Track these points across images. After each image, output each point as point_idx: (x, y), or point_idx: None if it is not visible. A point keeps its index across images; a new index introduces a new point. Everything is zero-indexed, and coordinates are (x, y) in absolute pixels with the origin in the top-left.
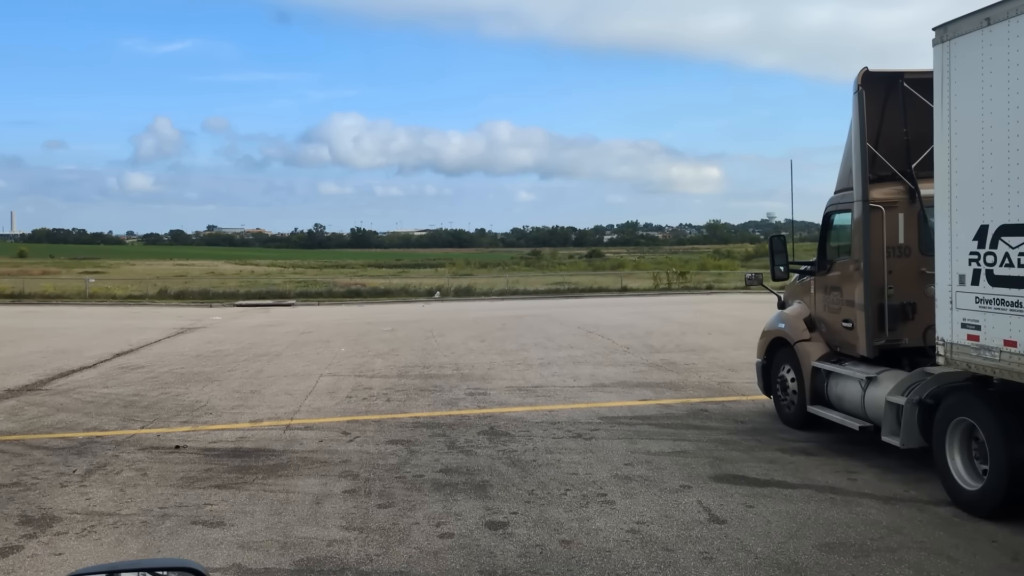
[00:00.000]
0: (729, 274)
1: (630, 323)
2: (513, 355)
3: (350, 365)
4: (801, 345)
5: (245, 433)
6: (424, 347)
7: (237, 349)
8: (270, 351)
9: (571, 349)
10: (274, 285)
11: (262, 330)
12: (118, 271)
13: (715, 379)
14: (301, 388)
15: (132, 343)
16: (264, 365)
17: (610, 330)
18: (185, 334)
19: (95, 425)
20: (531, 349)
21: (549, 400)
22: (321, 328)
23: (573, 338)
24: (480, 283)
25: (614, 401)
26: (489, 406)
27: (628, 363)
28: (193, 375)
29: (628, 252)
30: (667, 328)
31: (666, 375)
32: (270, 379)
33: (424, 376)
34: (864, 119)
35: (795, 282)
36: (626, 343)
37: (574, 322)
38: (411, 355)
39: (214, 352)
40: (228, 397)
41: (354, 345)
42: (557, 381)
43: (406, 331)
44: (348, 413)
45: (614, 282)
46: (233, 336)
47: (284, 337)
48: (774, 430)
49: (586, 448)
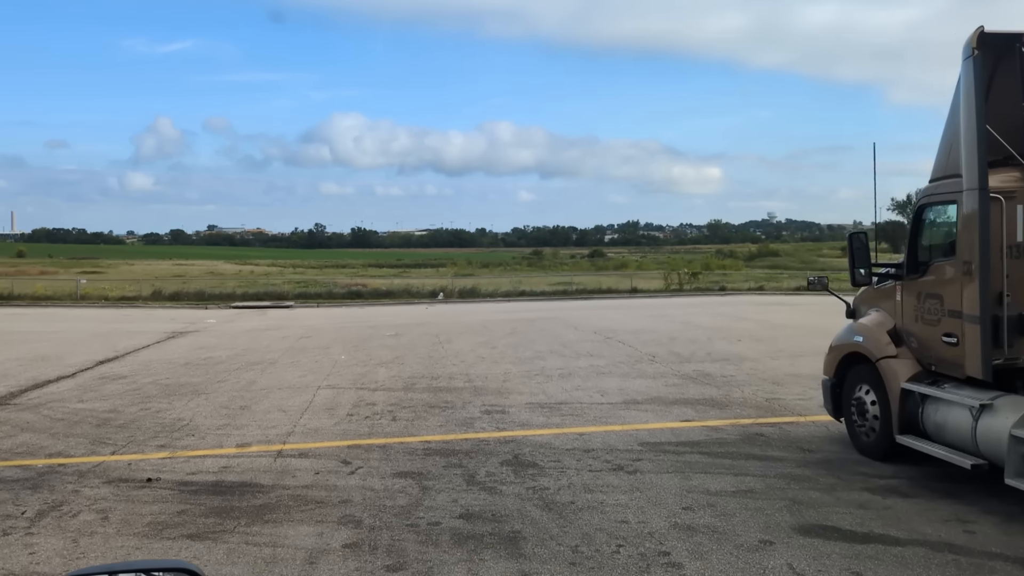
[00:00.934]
0: (735, 274)
1: (649, 328)
2: (529, 364)
3: (351, 376)
4: (886, 363)
5: (230, 461)
6: (431, 354)
7: (229, 356)
8: (264, 359)
9: (591, 358)
10: (273, 286)
11: (257, 335)
12: (116, 271)
13: (761, 395)
14: (296, 403)
15: (118, 349)
16: (257, 375)
17: (629, 336)
18: (176, 339)
19: (60, 450)
20: (548, 357)
21: (577, 420)
22: (320, 332)
23: (591, 345)
24: (484, 284)
25: (652, 422)
26: (509, 427)
27: (658, 375)
28: (179, 387)
29: (630, 252)
30: (691, 334)
31: (704, 389)
32: (262, 392)
33: (433, 389)
34: (981, 89)
35: (871, 287)
36: (650, 351)
37: (589, 326)
38: (417, 364)
39: (204, 360)
40: (214, 414)
41: (355, 352)
42: (583, 396)
43: (410, 336)
44: (349, 436)
45: (624, 283)
46: (226, 341)
47: (280, 343)
48: (850, 462)
49: (632, 485)
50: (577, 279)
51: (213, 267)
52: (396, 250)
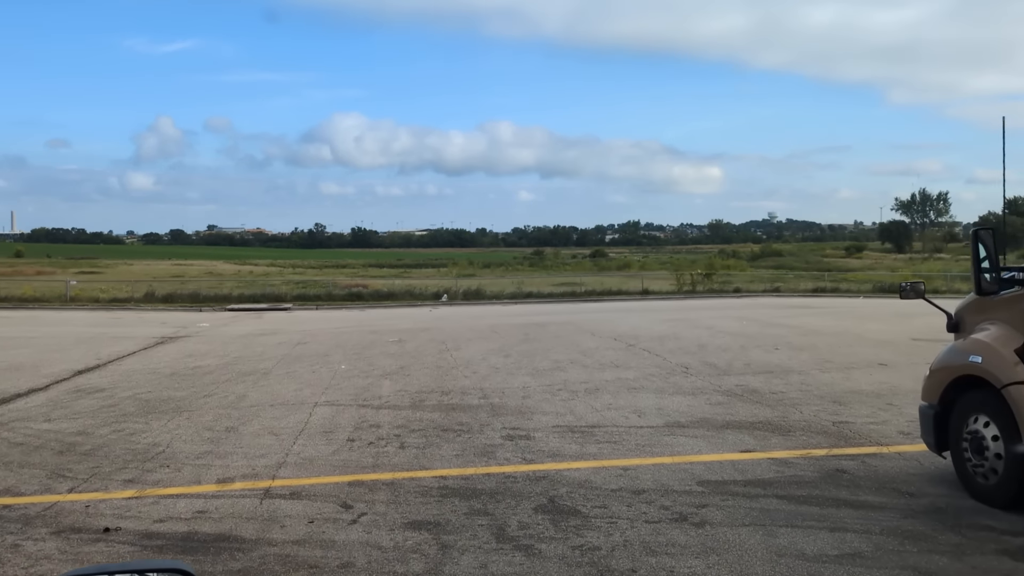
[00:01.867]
0: (741, 275)
1: (672, 333)
2: (549, 376)
3: (352, 389)
4: (1017, 390)
5: (207, 503)
6: (439, 364)
7: (219, 365)
8: (257, 368)
9: (617, 369)
10: (271, 287)
11: (252, 340)
12: (115, 271)
13: (824, 417)
14: (290, 424)
15: (101, 357)
16: (248, 388)
17: (653, 343)
18: (165, 345)
19: (9, 485)
20: (568, 368)
21: (617, 450)
22: (318, 338)
23: (614, 354)
24: (489, 285)
25: (706, 453)
26: (538, 458)
27: (697, 390)
28: (160, 402)
29: (631, 252)
30: (720, 341)
31: (755, 410)
32: (253, 410)
33: (444, 407)
34: None
35: (981, 297)
36: (681, 361)
37: (606, 332)
38: (425, 375)
39: (192, 369)
40: (196, 437)
41: (356, 361)
42: (617, 417)
43: (415, 342)
44: (350, 468)
45: (634, 284)
46: (218, 348)
47: (276, 349)
48: (968, 511)
49: (704, 544)
50: (581, 280)
51: (212, 267)
52: (396, 250)
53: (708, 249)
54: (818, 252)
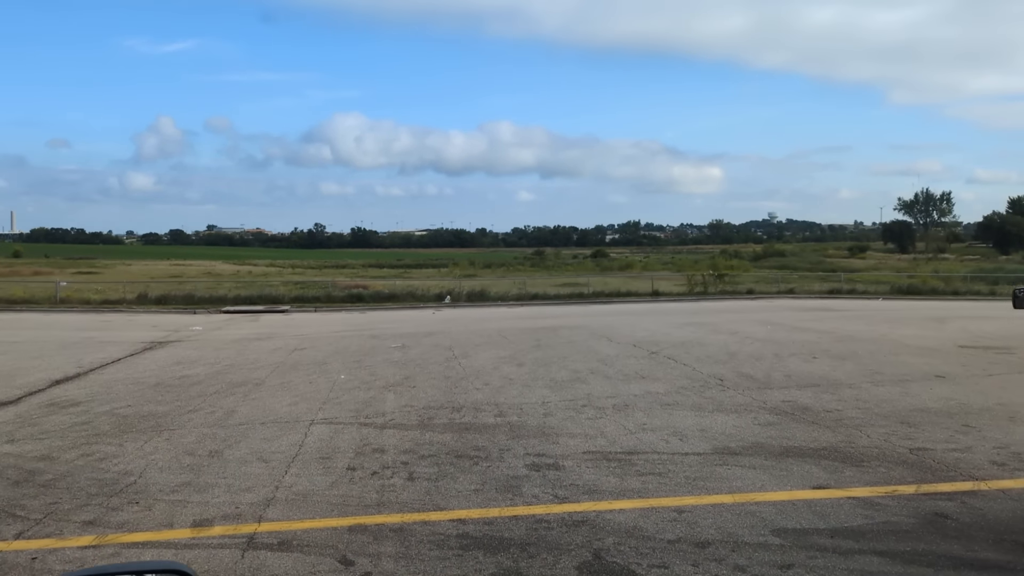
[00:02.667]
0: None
1: (695, 339)
2: (569, 389)
3: (353, 403)
4: None
5: (178, 554)
6: (447, 374)
7: (209, 375)
8: (250, 378)
9: (643, 380)
10: (270, 287)
11: (246, 345)
12: (112, 271)
13: (897, 442)
14: (282, 447)
15: (83, 364)
16: (238, 402)
17: (676, 350)
18: (153, 350)
19: None
20: (590, 379)
21: (663, 484)
22: (317, 343)
23: (637, 363)
24: (493, 286)
25: (772, 489)
26: (572, 495)
27: (740, 407)
28: (139, 419)
29: (632, 252)
30: (749, 348)
31: (815, 432)
32: (241, 428)
33: (457, 427)
34: None
35: None
36: (712, 371)
37: (623, 337)
38: (432, 387)
39: (179, 379)
40: (174, 464)
41: (356, 370)
42: (656, 441)
43: (419, 348)
44: (350, 507)
45: (643, 285)
46: (209, 354)
47: (271, 356)
48: None
49: None
50: (585, 280)
51: (211, 267)
52: (396, 250)
53: (709, 249)
54: (820, 252)
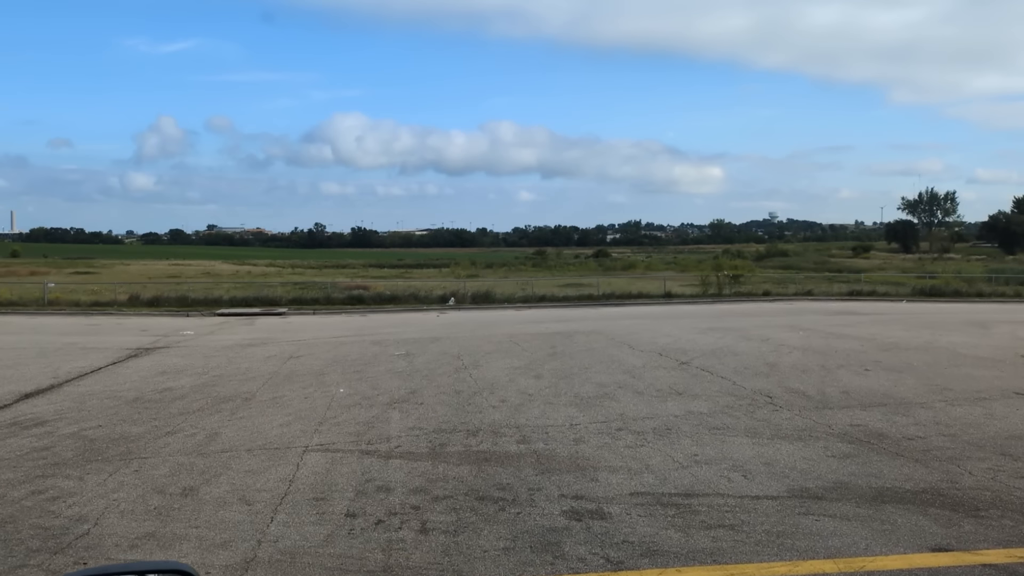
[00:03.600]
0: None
1: (726, 347)
2: (599, 409)
3: (353, 424)
4: None
5: None
6: (457, 387)
7: (195, 387)
8: (239, 392)
9: (682, 398)
10: (269, 288)
11: (238, 353)
12: (111, 271)
13: (1008, 481)
14: (270, 484)
15: (59, 375)
16: (223, 422)
17: (708, 359)
18: (138, 358)
19: None
20: (619, 396)
21: (738, 539)
22: (314, 349)
23: (668, 374)
24: (499, 288)
25: (882, 552)
26: (628, 558)
27: (802, 432)
28: (109, 443)
29: (633, 252)
30: (789, 358)
31: (903, 467)
32: (224, 457)
33: (474, 456)
34: None
35: None
36: (757, 386)
37: (645, 344)
38: (442, 404)
39: (161, 393)
40: (140, 506)
41: (357, 382)
42: (715, 479)
43: (425, 357)
44: (349, 572)
45: (654, 287)
46: (198, 363)
47: (264, 365)
48: None
49: None
50: (590, 281)
51: (210, 267)
52: (397, 250)
53: (710, 249)
54: (824, 252)
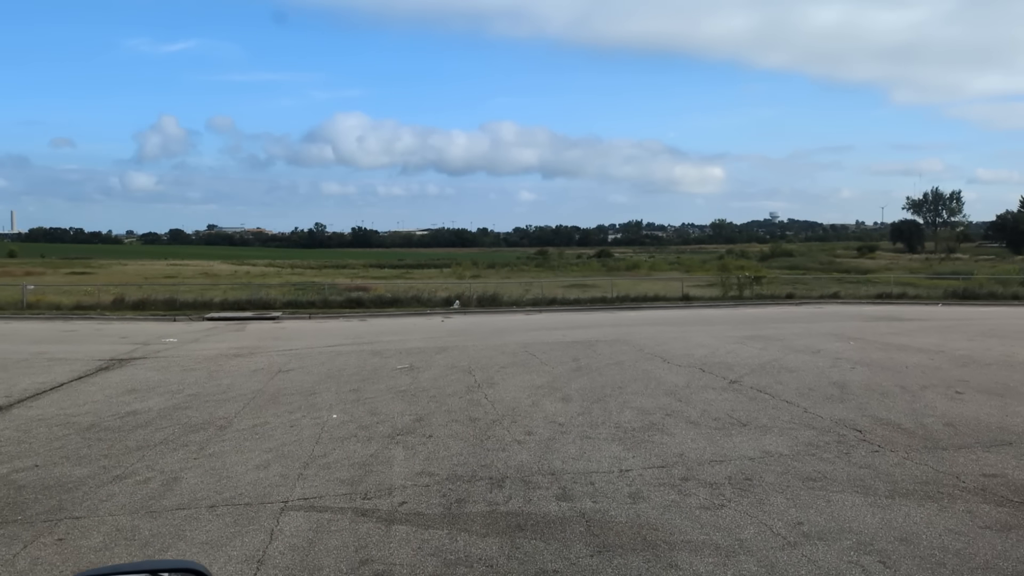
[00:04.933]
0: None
1: (775, 361)
2: (650, 445)
3: (346, 465)
4: None
5: None
6: (471, 412)
7: (165, 409)
8: (215, 417)
9: (747, 430)
10: (266, 289)
11: (222, 365)
12: (108, 271)
13: None
14: (231, 569)
15: (12, 393)
16: (188, 460)
17: (760, 377)
18: (108, 371)
19: None
20: (670, 426)
21: None
22: (306, 361)
23: (718, 396)
24: (506, 289)
25: None
26: None
27: (925, 487)
28: (40, 492)
29: (635, 252)
30: (856, 376)
31: None
32: (179, 517)
33: (504, 523)
34: None
35: None
36: (835, 414)
37: (679, 356)
38: (455, 437)
39: (123, 418)
40: None
41: (353, 405)
42: (842, 568)
43: (431, 371)
44: None
45: (671, 289)
46: (174, 378)
47: (248, 381)
48: None
49: None
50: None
51: (208, 267)
52: (397, 250)
53: (712, 249)
54: (829, 252)
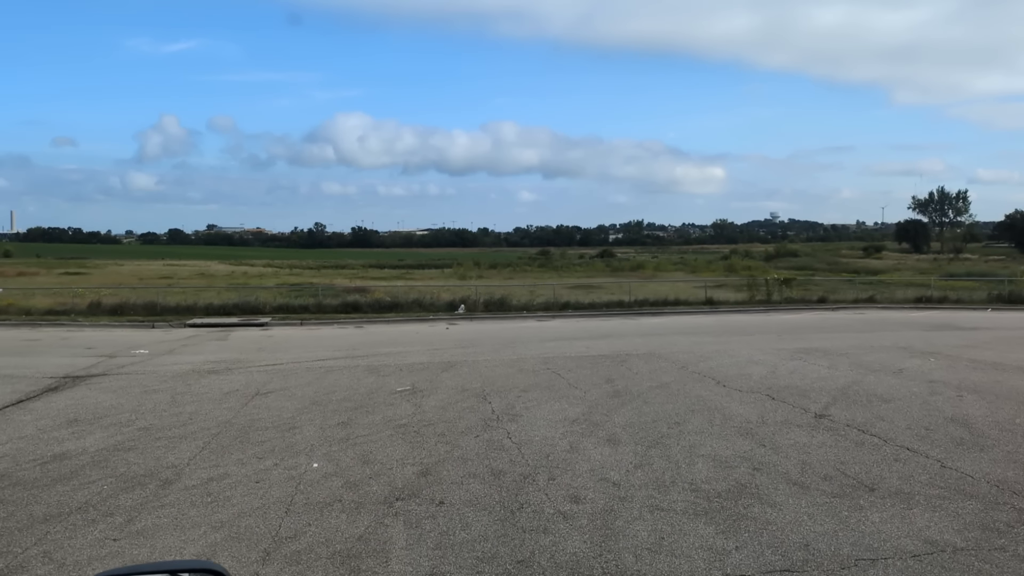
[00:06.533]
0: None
1: (857, 385)
2: (748, 522)
3: (323, 559)
4: None
5: None
6: (493, 462)
7: (101, 453)
8: (160, 465)
9: (875, 496)
10: (259, 292)
11: (191, 385)
12: (102, 272)
13: None
14: None
15: None
16: (103, 541)
17: (851, 409)
18: (55, 393)
19: None
20: (767, 490)
21: None
22: (290, 381)
23: (811, 439)
24: (513, 293)
25: None
26: None
27: None
28: None
29: (637, 252)
30: (973, 408)
31: None
32: None
33: None
34: None
35: None
36: (985, 471)
37: (734, 377)
38: (474, 506)
39: (45, 464)
40: None
41: (341, 445)
42: None
43: (438, 396)
44: None
45: (694, 293)
46: (129, 403)
47: (217, 408)
48: None
49: None
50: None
51: (206, 267)
52: (397, 250)
53: (715, 249)
54: (834, 252)
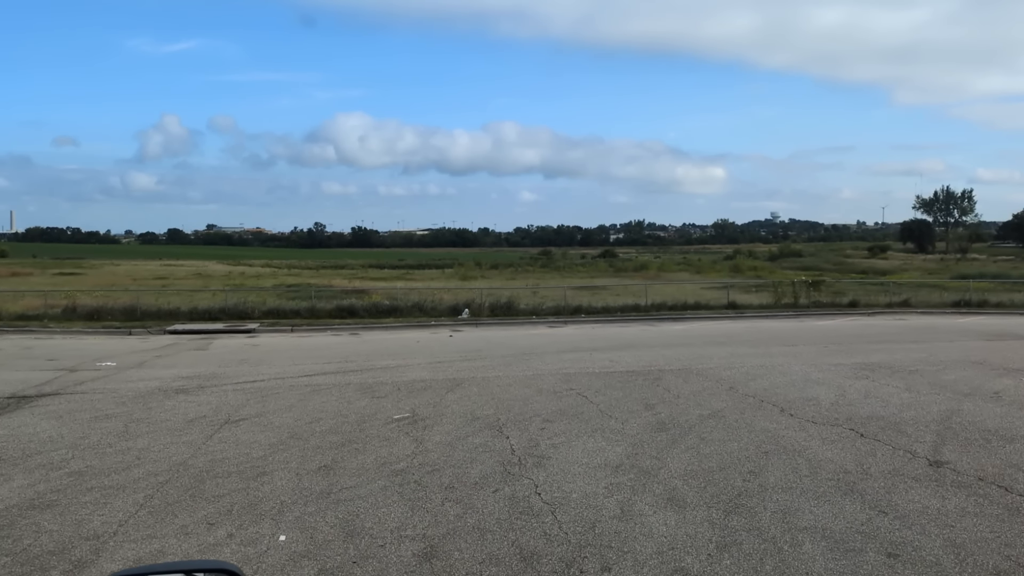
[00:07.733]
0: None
1: (954, 416)
2: None
3: None
4: None
5: None
6: (520, 538)
7: (6, 509)
8: (77, 536)
9: None
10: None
11: (151, 409)
12: (98, 272)
13: None
14: None
15: None
16: None
17: (963, 449)
18: None
19: None
20: None
21: None
22: (269, 403)
23: (938, 500)
24: (520, 296)
25: None
26: None
27: None
28: None
29: (638, 252)
30: None
31: None
32: None
33: None
34: None
35: None
36: None
37: (801, 404)
38: None
39: None
40: None
41: (318, 505)
42: None
43: (443, 427)
44: None
45: (714, 296)
46: (73, 433)
47: (173, 443)
48: None
49: None
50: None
51: (203, 268)
52: (397, 250)
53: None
54: (838, 252)
